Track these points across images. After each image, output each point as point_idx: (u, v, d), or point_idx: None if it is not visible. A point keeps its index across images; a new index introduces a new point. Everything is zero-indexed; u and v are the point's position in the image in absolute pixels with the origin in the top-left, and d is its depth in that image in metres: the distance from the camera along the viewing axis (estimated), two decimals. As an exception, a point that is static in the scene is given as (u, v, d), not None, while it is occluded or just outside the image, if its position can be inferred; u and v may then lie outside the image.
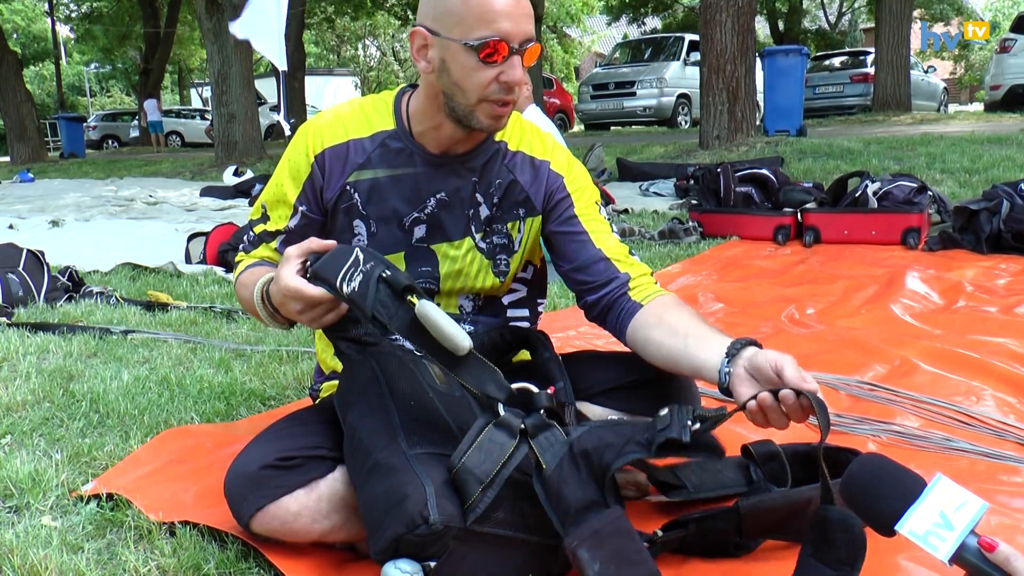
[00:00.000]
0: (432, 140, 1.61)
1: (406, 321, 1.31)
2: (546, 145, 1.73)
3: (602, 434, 1.31)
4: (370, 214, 1.63)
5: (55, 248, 4.86)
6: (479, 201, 1.66)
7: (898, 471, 1.06)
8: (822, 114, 16.09)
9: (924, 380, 2.41)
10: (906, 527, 1.00)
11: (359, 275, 1.32)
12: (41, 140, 20.04)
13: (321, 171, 1.62)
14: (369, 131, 1.63)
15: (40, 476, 1.84)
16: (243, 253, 1.72)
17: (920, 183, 4.84)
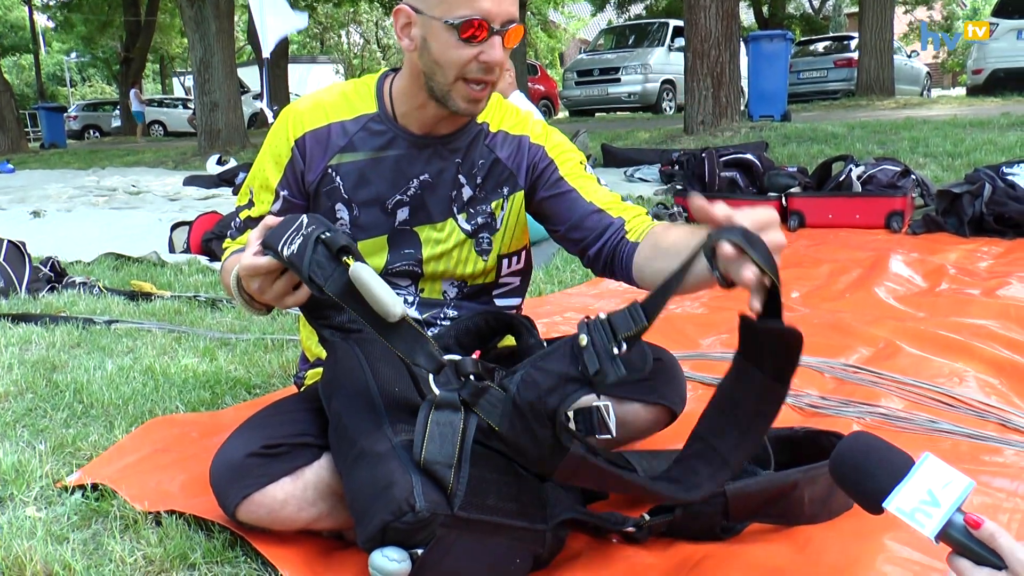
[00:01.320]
0: (415, 121, 1.61)
1: (341, 284, 1.26)
2: (523, 121, 1.73)
3: (536, 380, 1.24)
4: (352, 197, 1.62)
5: (37, 239, 4.81)
6: (462, 183, 1.66)
7: (887, 449, 1.07)
8: (806, 99, 16.12)
9: (908, 362, 2.42)
10: (894, 504, 1.01)
11: (299, 238, 1.28)
12: (21, 131, 19.80)
13: (302, 155, 1.61)
14: (351, 114, 1.63)
15: (24, 467, 1.82)
16: (230, 240, 1.71)
17: (904, 167, 4.86)
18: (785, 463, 1.69)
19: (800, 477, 1.54)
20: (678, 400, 1.71)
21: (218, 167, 9.99)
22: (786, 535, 1.47)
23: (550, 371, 1.24)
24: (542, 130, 1.74)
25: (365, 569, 1.39)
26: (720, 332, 2.82)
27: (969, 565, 0.97)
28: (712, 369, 2.44)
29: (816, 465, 1.56)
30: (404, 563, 1.26)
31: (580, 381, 1.21)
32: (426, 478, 1.26)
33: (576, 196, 1.66)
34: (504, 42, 1.47)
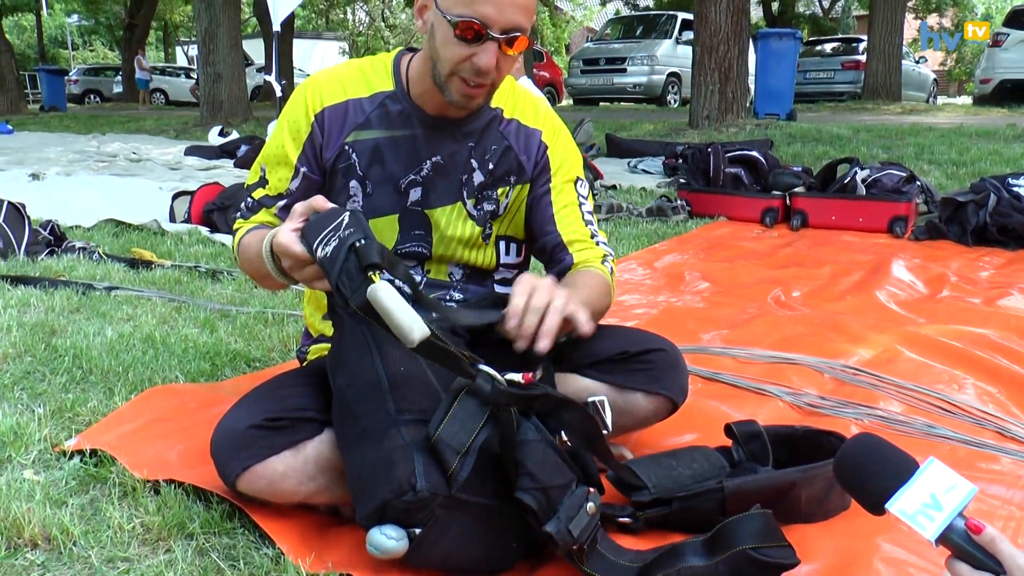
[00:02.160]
0: (429, 102, 1.60)
1: (363, 301, 1.22)
2: (538, 113, 1.74)
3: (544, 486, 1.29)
4: (367, 175, 1.62)
5: (36, 201, 4.78)
6: (474, 167, 1.66)
7: (892, 451, 1.07)
8: (812, 99, 16.09)
9: (907, 367, 2.43)
10: (896, 506, 1.01)
11: (335, 240, 1.25)
12: (20, 92, 19.69)
13: (321, 130, 1.60)
14: (368, 91, 1.62)
15: (22, 430, 1.82)
16: (241, 220, 1.69)
17: (909, 172, 4.86)
18: (784, 461, 1.70)
19: (798, 477, 1.54)
20: (679, 391, 1.71)
21: (220, 138, 9.93)
22: (787, 531, 1.47)
23: (553, 485, 1.28)
24: (554, 130, 1.74)
25: (361, 545, 1.39)
26: (720, 327, 2.82)
27: (968, 569, 0.97)
28: (712, 363, 2.44)
29: (814, 465, 1.56)
30: (402, 541, 1.26)
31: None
32: (428, 458, 1.26)
33: (550, 220, 1.71)
34: (502, 49, 1.46)
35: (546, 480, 1.27)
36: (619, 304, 3.04)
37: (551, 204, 1.71)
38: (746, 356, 2.52)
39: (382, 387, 1.38)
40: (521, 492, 1.27)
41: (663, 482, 1.55)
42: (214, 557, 1.38)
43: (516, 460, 1.28)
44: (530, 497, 1.26)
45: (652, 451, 1.83)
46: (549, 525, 1.26)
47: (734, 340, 2.69)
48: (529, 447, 1.28)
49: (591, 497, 1.29)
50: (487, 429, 1.28)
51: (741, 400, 2.18)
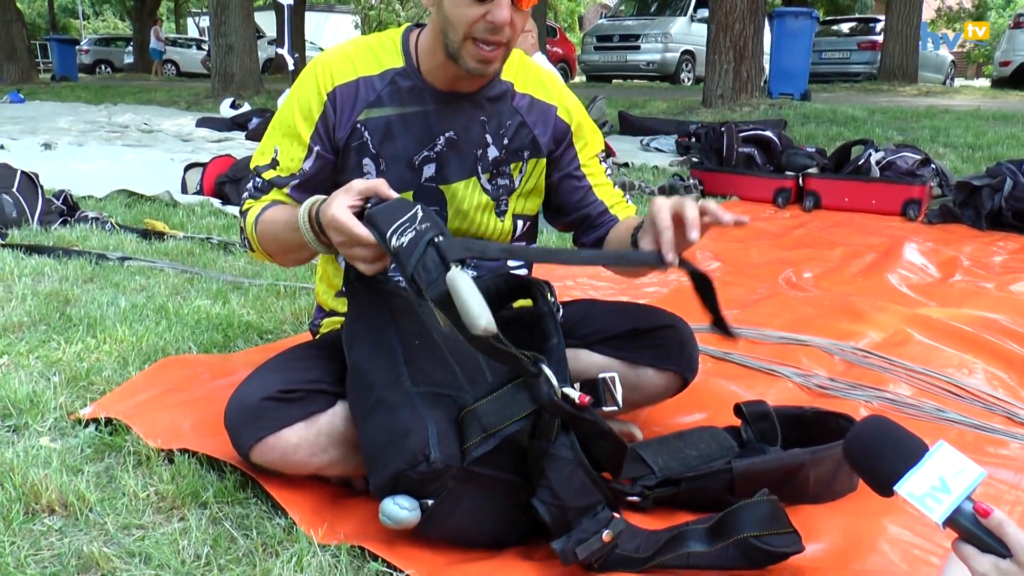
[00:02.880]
0: (440, 78, 1.60)
1: (442, 292, 1.24)
2: (553, 89, 1.73)
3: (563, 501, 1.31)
4: (380, 153, 1.62)
5: (48, 171, 4.79)
6: (488, 142, 1.65)
7: (901, 434, 1.08)
8: (827, 80, 15.95)
9: (917, 350, 2.43)
10: (905, 488, 1.02)
11: (412, 232, 1.28)
12: (32, 61, 19.63)
13: (333, 109, 1.60)
14: (378, 68, 1.61)
15: (38, 397, 1.84)
16: (251, 200, 1.66)
17: (924, 155, 4.83)
18: (793, 441, 1.70)
19: (807, 458, 1.55)
20: (689, 367, 1.72)
21: (232, 111, 9.92)
22: (789, 514, 1.47)
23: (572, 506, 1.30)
24: (572, 106, 1.74)
25: (372, 516, 1.41)
26: (731, 307, 2.82)
27: (974, 551, 0.98)
28: (722, 343, 2.44)
29: (823, 446, 1.57)
30: (414, 512, 1.28)
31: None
32: (444, 429, 1.27)
33: (590, 191, 1.75)
34: (515, 3, 1.45)
35: (566, 500, 1.29)
36: (628, 281, 3.04)
37: (586, 179, 1.75)
38: (757, 336, 2.52)
39: (397, 359, 1.39)
40: (538, 502, 1.29)
41: (671, 464, 1.56)
42: (227, 526, 1.40)
43: (541, 469, 1.30)
44: (545, 509, 1.29)
45: (661, 429, 1.85)
46: (556, 543, 1.28)
47: (745, 320, 2.69)
48: (558, 463, 1.30)
49: (613, 524, 1.30)
50: (523, 424, 1.29)
51: (751, 380, 2.19)
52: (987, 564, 0.96)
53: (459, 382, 1.40)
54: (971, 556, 0.98)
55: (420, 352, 1.41)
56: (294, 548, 1.31)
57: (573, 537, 1.28)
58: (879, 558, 1.39)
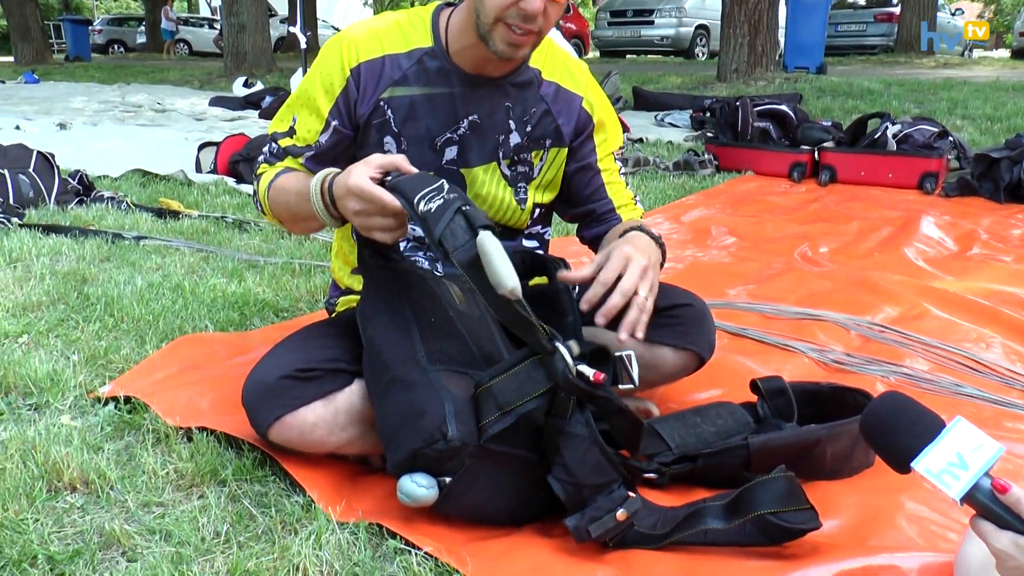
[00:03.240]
0: (468, 60, 1.58)
1: (469, 256, 1.26)
2: (580, 79, 1.72)
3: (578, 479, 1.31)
4: (402, 132, 1.61)
5: (63, 151, 4.81)
6: (511, 128, 1.64)
7: (919, 410, 1.07)
8: (843, 52, 15.77)
9: (934, 325, 2.41)
10: (922, 465, 1.01)
11: (439, 199, 1.29)
12: (45, 41, 19.69)
13: (356, 85, 1.59)
14: (406, 47, 1.60)
15: (58, 376, 1.85)
16: (266, 165, 1.69)
17: (941, 128, 4.78)
18: (809, 417, 1.70)
19: (823, 433, 1.54)
20: (706, 346, 1.71)
21: (244, 89, 9.92)
22: (806, 490, 1.47)
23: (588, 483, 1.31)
24: (597, 99, 1.73)
25: (389, 494, 1.42)
26: (747, 282, 2.81)
27: (992, 528, 0.97)
28: (738, 319, 2.44)
29: (840, 422, 1.56)
30: (432, 490, 1.28)
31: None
32: (461, 406, 1.27)
33: (602, 188, 1.76)
34: None
35: (581, 477, 1.30)
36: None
37: (600, 175, 1.75)
38: (772, 312, 2.51)
39: (412, 337, 1.39)
40: (553, 479, 1.30)
41: (688, 440, 1.56)
42: (246, 503, 1.41)
43: (557, 446, 1.30)
44: (560, 487, 1.29)
45: (678, 406, 1.84)
46: (570, 520, 1.29)
47: (760, 295, 2.68)
48: (573, 441, 1.30)
49: (628, 504, 1.30)
50: (539, 402, 1.29)
51: (767, 356, 2.18)
52: (1006, 540, 0.95)
53: (475, 359, 1.40)
54: (989, 533, 0.97)
55: (435, 329, 1.41)
56: (312, 526, 1.32)
57: (587, 515, 1.29)
58: (897, 534, 1.39)
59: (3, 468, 1.47)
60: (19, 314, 2.29)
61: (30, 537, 1.28)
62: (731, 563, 1.29)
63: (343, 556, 1.26)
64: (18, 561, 1.23)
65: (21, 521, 1.33)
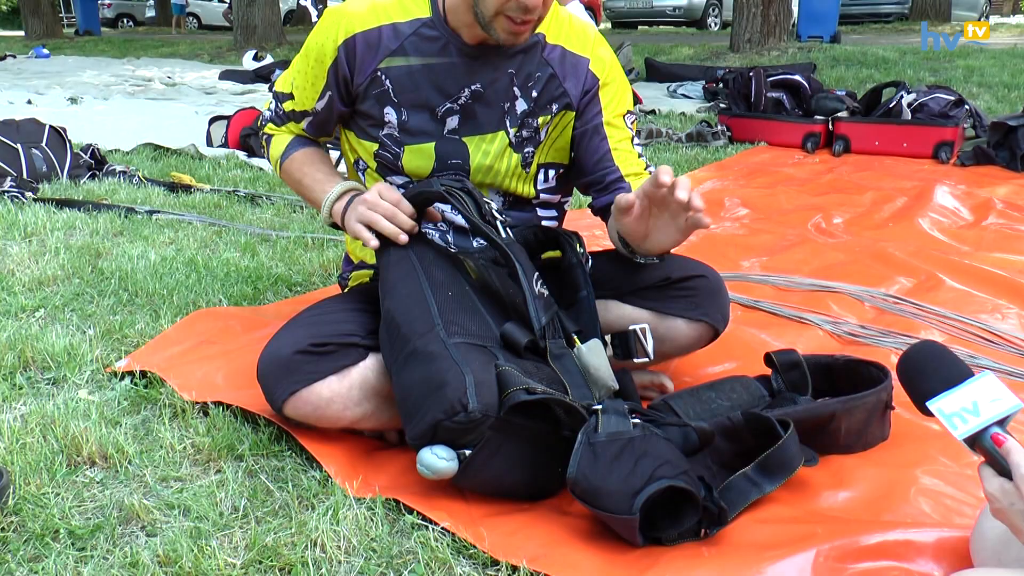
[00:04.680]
0: (467, 32, 1.57)
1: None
2: (586, 40, 1.68)
3: (663, 451, 1.29)
4: (401, 101, 1.60)
5: (75, 125, 4.81)
6: (516, 95, 1.62)
7: (951, 359, 1.09)
8: (857, 21, 15.55)
9: (949, 296, 2.40)
10: (936, 405, 1.04)
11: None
12: (55, 16, 19.68)
13: (350, 57, 1.59)
14: (405, 17, 1.59)
15: (75, 350, 1.87)
16: (272, 125, 1.75)
17: (957, 96, 4.71)
18: (824, 390, 1.70)
19: (838, 408, 1.53)
20: (721, 318, 1.70)
21: (254, 63, 9.88)
22: (822, 463, 1.47)
23: (678, 458, 1.30)
24: (606, 60, 1.70)
25: (406, 469, 1.43)
26: (760, 254, 2.80)
27: (991, 473, 1.00)
28: (751, 291, 2.43)
29: (855, 396, 1.55)
30: (452, 462, 1.29)
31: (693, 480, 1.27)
32: (481, 379, 1.28)
33: (608, 155, 1.68)
34: None
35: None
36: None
37: (607, 140, 1.68)
38: (786, 284, 2.50)
39: (431, 309, 1.39)
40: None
41: (702, 415, 1.56)
42: (263, 478, 1.42)
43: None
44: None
45: (692, 380, 1.85)
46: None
47: (774, 267, 2.67)
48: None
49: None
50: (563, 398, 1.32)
51: (781, 328, 2.17)
52: (995, 485, 0.99)
53: (492, 333, 1.40)
54: (987, 478, 1.01)
55: (453, 303, 1.41)
56: (329, 501, 1.32)
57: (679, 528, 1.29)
58: (911, 509, 1.39)
59: (24, 443, 1.48)
60: (35, 288, 2.30)
61: (52, 511, 1.30)
62: (746, 541, 1.29)
63: (360, 531, 1.27)
64: (40, 535, 1.25)
65: (43, 495, 1.34)
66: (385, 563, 1.21)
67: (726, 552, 1.26)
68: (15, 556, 1.21)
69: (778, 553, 1.22)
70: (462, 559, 1.22)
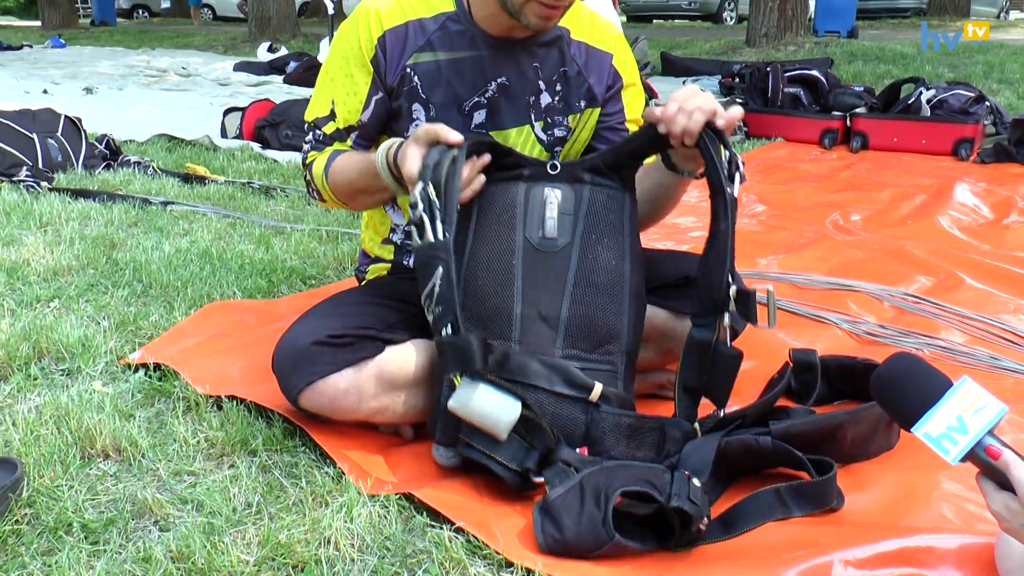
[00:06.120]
0: (493, 24, 1.55)
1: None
2: (609, 37, 1.69)
3: (615, 470, 1.29)
4: (430, 98, 1.58)
5: (90, 115, 4.81)
6: (540, 88, 1.62)
7: (923, 372, 1.06)
8: (874, 15, 15.44)
9: (970, 295, 2.37)
10: (922, 430, 1.02)
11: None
12: (72, 6, 19.78)
13: (383, 54, 1.56)
14: (430, 12, 1.57)
15: (89, 342, 1.86)
16: (314, 152, 1.64)
17: (978, 92, 4.67)
18: (844, 392, 1.68)
19: (845, 419, 1.49)
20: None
21: (269, 55, 9.87)
22: (840, 469, 1.45)
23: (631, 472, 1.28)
24: (627, 58, 1.70)
25: (420, 466, 1.43)
26: (777, 252, 2.77)
27: (992, 488, 0.99)
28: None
29: (862, 407, 1.50)
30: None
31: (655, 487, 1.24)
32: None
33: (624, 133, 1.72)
34: None
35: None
36: (675, 227, 3.00)
37: (624, 122, 1.72)
38: (804, 282, 2.47)
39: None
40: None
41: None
42: (276, 474, 1.41)
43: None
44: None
45: (709, 378, 1.83)
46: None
47: (791, 265, 2.64)
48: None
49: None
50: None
51: (799, 328, 2.15)
52: (999, 503, 0.97)
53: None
54: (988, 493, 0.99)
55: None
56: (343, 498, 1.31)
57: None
58: (932, 514, 1.35)
59: (39, 435, 1.48)
60: (50, 278, 2.30)
61: (65, 505, 1.29)
62: (763, 543, 1.27)
63: (374, 529, 1.26)
64: (54, 528, 1.25)
65: (56, 488, 1.34)
66: (399, 562, 1.20)
67: (743, 554, 1.24)
68: (28, 549, 1.20)
69: (796, 556, 1.21)
70: (476, 559, 1.21)
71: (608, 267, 1.47)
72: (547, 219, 1.48)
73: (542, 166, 1.51)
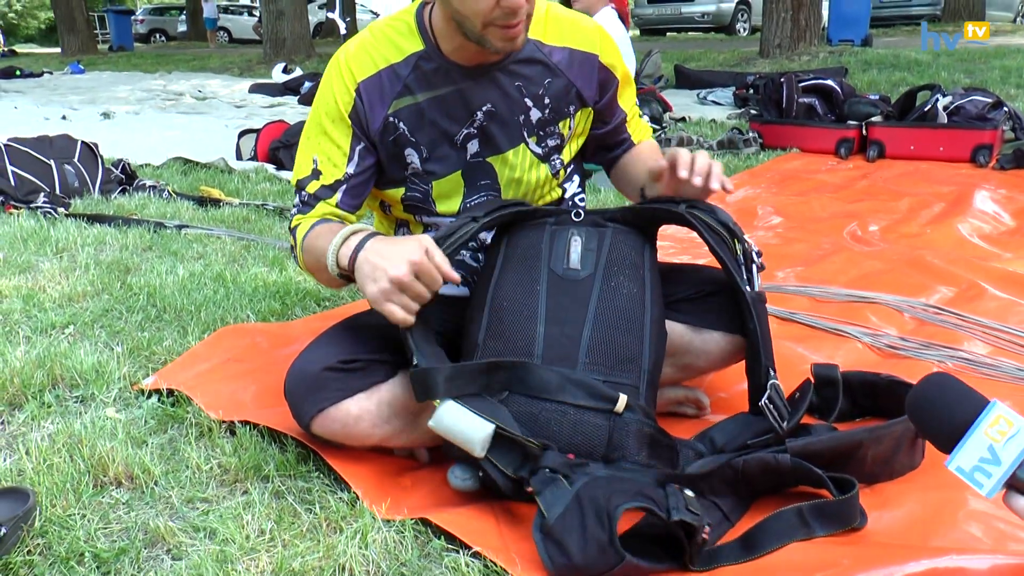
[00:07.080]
0: (463, 55, 1.53)
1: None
2: (593, 37, 1.65)
3: (611, 484, 1.27)
4: (419, 140, 1.57)
5: (107, 140, 4.86)
6: (529, 106, 1.59)
7: (953, 396, 1.04)
8: (888, 23, 15.37)
9: (993, 305, 2.33)
10: (954, 464, 1.00)
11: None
12: (91, 32, 20.05)
13: (362, 106, 1.54)
14: (400, 56, 1.55)
15: (103, 368, 1.86)
16: (300, 216, 1.59)
17: (995, 98, 4.62)
18: (866, 408, 1.65)
19: (865, 437, 1.46)
20: None
21: (284, 75, 9.97)
22: (863, 488, 1.42)
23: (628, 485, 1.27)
24: (611, 51, 1.67)
25: (436, 489, 1.41)
26: (795, 264, 2.74)
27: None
28: (787, 302, 2.37)
29: (883, 425, 1.47)
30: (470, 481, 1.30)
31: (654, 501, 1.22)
32: None
33: (624, 130, 1.78)
34: None
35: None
36: (690, 240, 2.97)
37: (627, 129, 1.78)
38: (822, 294, 2.44)
39: None
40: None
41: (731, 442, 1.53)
42: (290, 500, 1.39)
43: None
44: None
45: (727, 395, 1.81)
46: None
47: (809, 277, 2.61)
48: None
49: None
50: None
51: (818, 341, 2.12)
52: None
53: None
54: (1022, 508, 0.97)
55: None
56: (358, 524, 1.29)
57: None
58: (961, 534, 1.32)
59: (51, 463, 1.47)
60: (65, 304, 2.31)
61: (77, 534, 1.28)
62: (785, 564, 1.24)
63: (390, 555, 1.24)
64: (65, 559, 1.23)
65: (68, 517, 1.33)
66: (414, 589, 1.18)
67: (764, 574, 1.21)
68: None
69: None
70: (493, 585, 1.19)
71: (629, 294, 1.48)
72: (571, 252, 1.51)
73: (567, 213, 1.56)
